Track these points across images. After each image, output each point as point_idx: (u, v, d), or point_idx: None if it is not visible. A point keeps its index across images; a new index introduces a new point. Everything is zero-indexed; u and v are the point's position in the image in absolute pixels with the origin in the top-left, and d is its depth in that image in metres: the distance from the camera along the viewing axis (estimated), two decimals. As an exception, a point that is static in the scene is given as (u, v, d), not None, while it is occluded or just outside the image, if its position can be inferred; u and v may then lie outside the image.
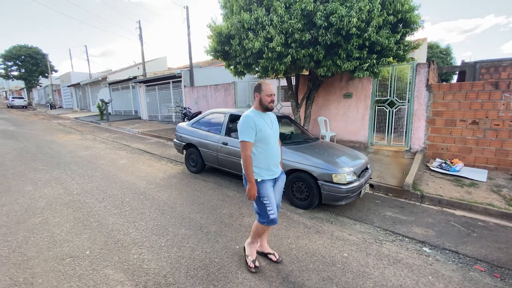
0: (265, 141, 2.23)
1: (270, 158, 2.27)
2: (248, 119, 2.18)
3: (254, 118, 2.19)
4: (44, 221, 3.34)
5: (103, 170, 5.59)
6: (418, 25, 5.26)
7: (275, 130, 2.36)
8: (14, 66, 30.04)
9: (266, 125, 2.24)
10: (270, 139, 2.26)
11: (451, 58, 17.52)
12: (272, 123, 2.35)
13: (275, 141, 2.33)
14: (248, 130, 2.16)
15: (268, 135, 2.23)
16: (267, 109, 2.27)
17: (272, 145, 2.28)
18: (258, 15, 5.11)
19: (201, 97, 12.37)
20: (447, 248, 2.81)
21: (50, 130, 12.00)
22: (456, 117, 5.70)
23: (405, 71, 6.60)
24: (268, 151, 2.26)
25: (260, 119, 2.23)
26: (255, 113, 2.25)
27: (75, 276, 2.34)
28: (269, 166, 2.27)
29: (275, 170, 2.32)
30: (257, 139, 2.20)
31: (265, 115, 2.30)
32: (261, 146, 2.24)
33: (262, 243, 2.60)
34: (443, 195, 4.16)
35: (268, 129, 2.25)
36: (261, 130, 2.18)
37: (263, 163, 2.25)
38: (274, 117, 2.44)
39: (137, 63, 22.58)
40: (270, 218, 2.24)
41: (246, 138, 2.15)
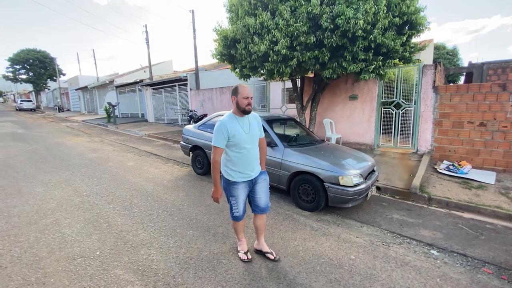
0: (239, 146, 2.26)
1: (244, 162, 2.31)
2: (221, 125, 2.22)
3: (227, 125, 2.21)
4: (55, 222, 3.41)
5: (111, 172, 5.67)
6: (424, 27, 5.25)
7: (252, 134, 2.34)
8: (22, 69, 30.67)
9: (240, 130, 2.25)
10: (245, 143, 2.27)
11: (458, 59, 17.34)
12: (250, 127, 2.33)
13: (251, 145, 2.32)
14: (219, 136, 2.21)
15: (241, 141, 2.25)
16: (244, 112, 2.26)
17: (247, 150, 2.29)
18: (263, 19, 5.16)
19: (206, 99, 12.46)
20: (455, 251, 2.79)
21: (58, 133, 12.21)
22: (463, 118, 5.65)
23: (411, 73, 6.57)
24: (242, 155, 2.29)
25: (235, 125, 2.24)
26: (231, 118, 2.27)
27: (87, 276, 2.39)
28: (243, 170, 2.33)
29: (250, 173, 2.37)
30: (230, 144, 2.26)
31: (242, 119, 2.30)
32: (235, 150, 2.29)
33: (259, 241, 2.66)
34: (450, 197, 4.13)
35: (243, 135, 2.26)
36: (234, 135, 2.21)
37: (238, 167, 2.32)
38: (255, 118, 2.42)
39: (143, 67, 22.87)
40: (234, 215, 2.48)
41: (216, 144, 2.22)
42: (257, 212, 2.54)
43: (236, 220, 2.52)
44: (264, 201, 2.50)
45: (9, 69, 30.39)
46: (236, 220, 2.52)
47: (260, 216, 2.57)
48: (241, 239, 2.66)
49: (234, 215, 2.48)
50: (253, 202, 2.53)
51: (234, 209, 2.45)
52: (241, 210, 2.46)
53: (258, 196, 2.48)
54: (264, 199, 2.50)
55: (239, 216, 2.47)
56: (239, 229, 2.61)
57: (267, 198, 2.54)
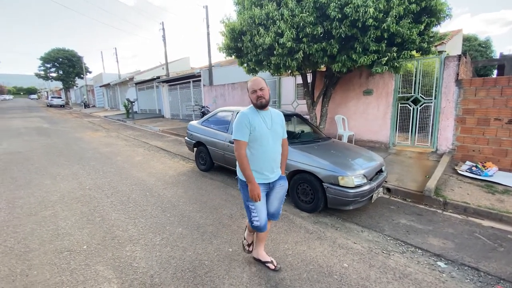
0: (260, 141, 2.05)
1: (263, 160, 2.08)
2: (242, 116, 2.03)
3: (249, 116, 2.03)
4: (54, 214, 3.47)
5: (118, 166, 5.76)
6: (445, 14, 4.76)
7: (275, 130, 2.12)
8: (52, 68, 32.55)
9: (262, 123, 2.05)
10: (266, 139, 2.06)
11: (491, 51, 15.94)
12: (273, 122, 2.12)
13: (273, 142, 2.10)
14: (241, 128, 2.00)
15: (263, 135, 2.04)
16: (257, 106, 2.07)
17: (268, 147, 2.08)
18: (269, 9, 4.94)
19: (219, 95, 12.43)
20: (466, 264, 2.47)
21: (80, 128, 12.75)
22: (490, 115, 5.11)
23: (432, 65, 6.04)
24: (262, 152, 2.07)
25: (257, 117, 2.05)
26: (251, 110, 2.09)
27: (68, 270, 2.37)
28: (261, 169, 2.08)
29: (268, 175, 2.11)
30: (250, 139, 2.03)
31: (264, 112, 2.10)
32: (254, 146, 2.06)
33: (259, 250, 2.39)
34: (469, 202, 3.72)
35: (265, 128, 2.06)
36: (255, 128, 2.01)
37: (255, 165, 2.06)
38: (278, 115, 2.20)
39: (162, 64, 23.29)
40: (254, 224, 2.13)
41: (239, 137, 2.00)
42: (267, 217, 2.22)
43: (256, 230, 2.18)
44: (276, 207, 2.23)
45: (41, 67, 32.37)
46: (255, 230, 2.19)
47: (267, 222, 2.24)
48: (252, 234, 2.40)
49: (253, 225, 2.13)
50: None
51: (253, 218, 2.10)
52: (263, 218, 2.11)
53: (271, 201, 2.20)
54: (277, 205, 2.23)
55: (260, 226, 2.11)
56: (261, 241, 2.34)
57: (280, 205, 2.27)
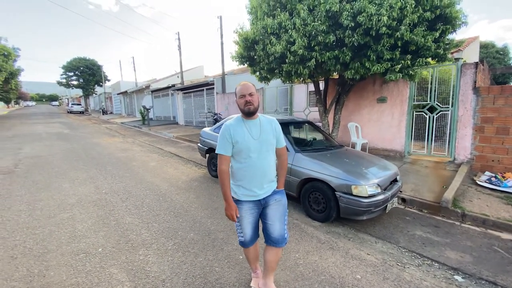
0: (246, 154, 1.86)
1: (250, 175, 1.88)
2: (224, 129, 1.88)
3: (231, 128, 1.86)
4: (71, 217, 3.60)
5: (133, 171, 5.91)
6: (461, 21, 4.67)
7: (264, 140, 1.89)
8: (74, 76, 34.01)
9: (247, 135, 1.85)
10: (252, 152, 1.85)
11: (508, 58, 15.39)
12: (262, 131, 1.89)
13: (261, 154, 1.88)
14: (223, 142, 1.86)
15: (248, 147, 1.84)
16: (244, 113, 1.88)
17: (255, 160, 1.87)
18: (281, 19, 5.02)
19: (231, 103, 12.59)
20: (484, 278, 2.36)
21: (97, 134, 13.20)
22: (509, 124, 4.92)
23: (449, 73, 5.92)
24: (249, 166, 1.87)
25: (241, 128, 1.87)
26: (237, 121, 1.91)
27: (84, 272, 2.44)
28: (247, 185, 1.90)
29: (256, 191, 1.90)
30: (235, 151, 1.87)
31: (250, 122, 1.90)
32: (240, 160, 1.89)
33: (266, 280, 2.09)
34: (489, 214, 3.58)
35: (250, 140, 1.85)
36: (237, 141, 1.83)
37: (241, 180, 1.91)
38: (268, 123, 1.97)
39: (177, 72, 23.90)
40: (239, 240, 2.07)
41: (221, 151, 1.86)
42: (269, 243, 2.00)
43: (242, 246, 2.08)
44: (277, 229, 1.95)
45: (63, 75, 33.91)
46: (241, 246, 2.09)
47: (272, 249, 2.00)
48: (256, 270, 2.21)
49: (238, 239, 2.07)
50: (264, 230, 2.02)
51: (238, 233, 2.04)
52: (248, 235, 1.98)
53: (270, 222, 1.95)
54: (278, 227, 1.95)
55: (244, 241, 2.01)
56: (250, 257, 2.16)
57: (282, 225, 1.97)
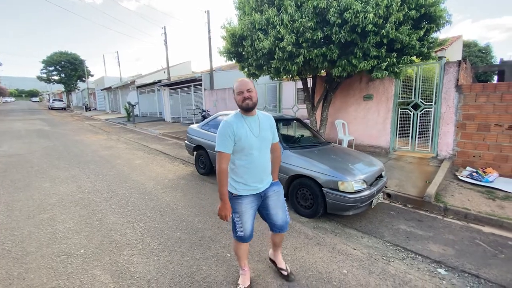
0: (247, 152, 1.88)
1: (250, 172, 1.92)
2: (226, 125, 1.85)
3: (233, 125, 1.84)
4: (52, 217, 3.46)
5: (118, 169, 5.75)
6: (445, 20, 4.79)
7: (263, 137, 1.94)
8: (54, 71, 32.73)
9: (248, 132, 1.87)
10: (253, 149, 1.89)
11: (491, 57, 16.00)
12: (261, 128, 1.93)
13: (260, 152, 1.93)
14: (224, 139, 1.83)
15: (250, 145, 1.87)
16: (244, 109, 1.88)
17: (256, 156, 1.91)
18: (269, 15, 4.98)
19: (220, 99, 12.48)
20: (467, 271, 2.44)
21: (80, 131, 12.78)
22: (490, 121, 5.10)
23: (432, 71, 6.07)
24: (249, 163, 1.90)
25: (242, 125, 1.87)
26: (237, 117, 1.91)
27: (65, 274, 2.35)
28: (248, 181, 1.94)
29: (257, 185, 1.97)
30: (235, 149, 1.88)
31: (250, 118, 1.92)
32: (241, 157, 1.90)
33: (276, 254, 2.33)
34: (470, 208, 3.70)
35: (252, 137, 1.87)
36: (240, 139, 1.84)
37: (242, 177, 1.93)
38: (266, 119, 2.01)
39: (163, 68, 23.44)
40: (237, 234, 2.01)
41: (222, 149, 1.84)
42: (276, 231, 2.13)
43: (240, 241, 2.04)
44: (281, 217, 2.08)
45: (43, 70, 32.56)
46: (239, 241, 2.04)
47: (278, 234, 2.18)
48: (244, 268, 2.17)
49: (237, 235, 2.01)
50: (269, 220, 2.10)
51: (238, 228, 1.99)
52: (248, 229, 1.99)
53: (273, 212, 2.06)
54: (281, 215, 2.08)
55: (244, 236, 1.99)
56: (241, 254, 2.11)
57: (285, 212, 2.11)
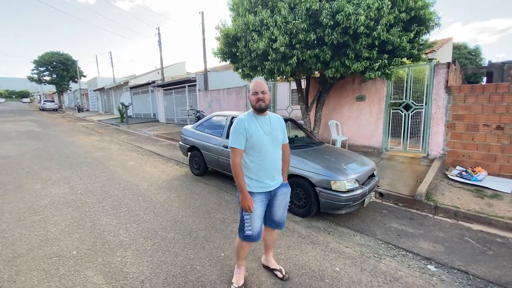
0: (258, 148, 1.98)
1: (263, 168, 2.00)
2: (238, 123, 1.97)
3: (245, 122, 1.96)
4: (43, 219, 3.42)
5: (111, 170, 5.71)
6: (434, 23, 4.89)
7: (274, 136, 2.04)
8: (46, 71, 32.20)
9: (260, 130, 1.98)
10: (264, 146, 1.98)
11: (480, 59, 16.36)
12: (272, 127, 2.04)
13: (272, 149, 2.02)
14: (237, 136, 1.95)
15: (261, 142, 1.97)
16: (257, 109, 2.00)
17: (267, 154, 2.00)
18: (263, 16, 5.02)
19: (214, 100, 12.46)
20: (456, 267, 2.50)
21: (72, 132, 12.61)
22: (478, 121, 5.22)
23: (423, 72, 6.18)
24: (261, 160, 1.99)
25: (254, 123, 1.98)
26: (249, 116, 2.02)
27: (57, 276, 2.33)
28: (260, 178, 2.00)
29: (269, 183, 2.03)
30: (247, 146, 1.97)
31: (262, 118, 2.03)
32: (252, 154, 1.99)
33: (268, 256, 2.38)
34: (459, 206, 3.79)
35: (263, 135, 1.98)
36: (252, 136, 1.94)
37: (254, 173, 2.00)
38: (277, 120, 2.13)
39: (157, 68, 23.31)
40: (246, 233, 2.02)
41: (235, 145, 1.95)
42: (271, 226, 2.21)
43: (247, 240, 2.05)
44: (280, 214, 2.17)
45: (34, 71, 32.02)
46: (246, 240, 2.05)
47: (271, 231, 2.26)
48: (241, 267, 2.21)
49: (245, 234, 2.02)
50: (267, 215, 2.17)
51: (246, 227, 2.00)
52: (256, 228, 2.01)
53: (275, 210, 2.14)
54: (281, 213, 2.17)
55: (251, 235, 2.01)
56: (243, 253, 2.17)
57: (285, 212, 2.21)
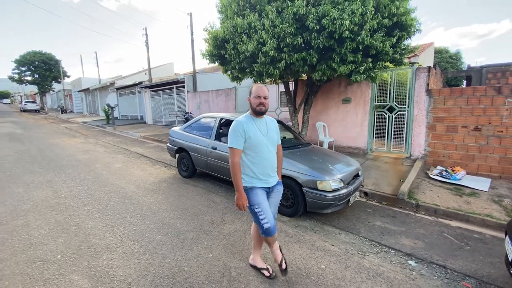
0: (256, 148, 2.09)
1: (260, 167, 2.12)
2: (237, 124, 2.08)
3: (244, 124, 2.07)
4: (26, 223, 3.33)
5: (96, 173, 5.60)
6: (415, 28, 5.10)
7: (271, 137, 2.18)
8: (28, 71, 31.10)
9: (258, 131, 2.10)
10: (262, 146, 2.11)
11: (461, 63, 17.05)
12: (268, 129, 2.18)
13: (268, 149, 2.15)
14: (236, 137, 2.05)
15: (259, 143, 2.09)
16: (256, 112, 2.11)
17: (264, 153, 2.12)
18: (251, 19, 5.08)
19: (203, 102, 12.42)
20: (435, 262, 2.63)
21: (56, 134, 12.25)
22: (457, 123, 5.47)
23: (406, 76, 6.41)
24: (259, 159, 2.11)
25: (252, 125, 2.09)
26: (247, 118, 2.14)
27: (41, 280, 2.29)
28: (259, 175, 2.12)
29: (267, 179, 2.16)
30: (246, 146, 2.08)
31: (259, 120, 2.15)
32: (250, 154, 2.10)
33: (255, 257, 2.44)
34: (439, 204, 3.96)
35: (260, 136, 2.10)
36: (250, 137, 2.06)
37: (253, 172, 2.12)
38: (272, 122, 2.28)
39: (145, 69, 22.97)
40: (264, 227, 2.08)
41: (234, 145, 2.05)
42: None
43: (269, 235, 2.11)
44: (272, 211, 2.23)
45: (15, 70, 30.88)
46: (268, 235, 2.11)
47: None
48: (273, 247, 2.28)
49: (264, 228, 2.08)
50: None
51: (261, 219, 2.07)
52: (271, 218, 2.10)
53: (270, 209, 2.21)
54: (273, 211, 2.25)
55: (270, 227, 2.08)
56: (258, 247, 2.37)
57: (276, 209, 2.32)
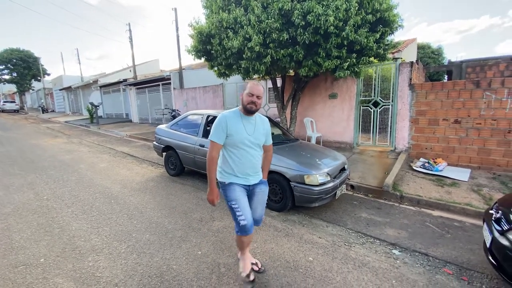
0: (238, 146, 2.00)
1: (240, 166, 2.03)
2: (221, 119, 1.99)
3: (228, 119, 1.98)
4: (6, 227, 3.21)
5: (80, 174, 5.45)
6: (398, 24, 5.21)
7: (256, 137, 2.05)
8: (5, 69, 29.69)
9: (242, 129, 2.00)
10: (244, 146, 2.00)
11: (442, 58, 17.54)
12: (255, 129, 2.06)
13: (251, 149, 2.04)
14: (217, 131, 1.97)
15: (241, 141, 1.99)
16: (246, 110, 2.00)
17: (246, 153, 2.02)
18: (237, 14, 5.04)
19: (190, 99, 12.26)
20: (417, 250, 2.72)
21: (37, 134, 11.82)
22: (439, 116, 5.65)
23: (389, 71, 6.54)
24: (239, 158, 2.02)
25: (237, 122, 2.00)
26: (235, 114, 2.04)
27: (24, 284, 2.22)
28: (236, 173, 2.05)
29: (246, 177, 2.08)
30: (228, 143, 2.00)
31: (247, 118, 2.04)
32: (232, 151, 2.02)
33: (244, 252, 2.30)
34: (422, 195, 4.09)
35: (244, 134, 1.99)
36: (232, 134, 1.97)
37: (231, 169, 2.05)
38: (262, 122, 2.15)
39: (129, 66, 22.40)
40: (240, 224, 1.99)
41: (215, 139, 1.97)
42: None
43: (244, 234, 2.02)
44: (259, 212, 2.18)
45: (-9, 69, 29.42)
46: (243, 234, 2.02)
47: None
48: (244, 254, 2.22)
49: (241, 225, 1.98)
50: None
51: (238, 215, 1.98)
52: (248, 215, 2.00)
53: (253, 207, 2.14)
54: (259, 210, 2.18)
55: (246, 225, 1.98)
56: (244, 245, 2.16)
57: (263, 210, 2.23)
